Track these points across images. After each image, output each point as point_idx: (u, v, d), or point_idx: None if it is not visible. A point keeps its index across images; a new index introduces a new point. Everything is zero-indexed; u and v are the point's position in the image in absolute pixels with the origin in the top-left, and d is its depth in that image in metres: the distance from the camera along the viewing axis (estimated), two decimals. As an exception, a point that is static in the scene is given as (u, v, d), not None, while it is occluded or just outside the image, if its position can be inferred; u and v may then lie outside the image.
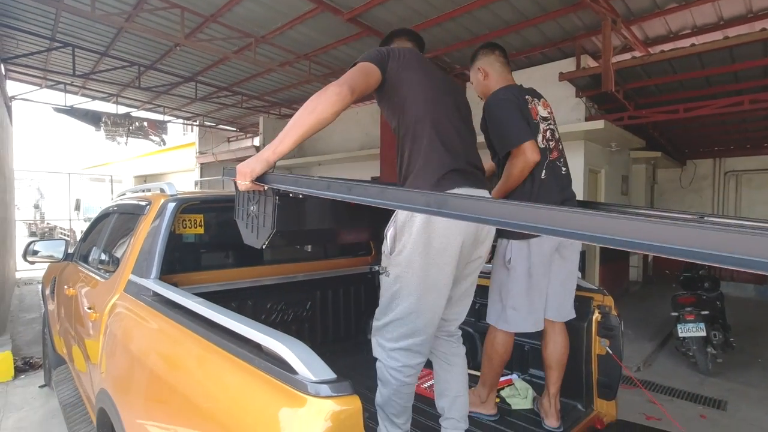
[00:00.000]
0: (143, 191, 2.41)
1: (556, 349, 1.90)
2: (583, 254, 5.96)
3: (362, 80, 1.34)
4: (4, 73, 8.56)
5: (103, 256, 2.24)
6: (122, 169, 18.44)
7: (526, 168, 1.75)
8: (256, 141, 11.12)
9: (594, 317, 1.93)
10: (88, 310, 1.90)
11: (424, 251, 1.34)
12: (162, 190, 2.01)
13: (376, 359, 1.47)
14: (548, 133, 1.90)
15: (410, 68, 1.44)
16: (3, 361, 3.70)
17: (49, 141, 31.95)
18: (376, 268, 3.06)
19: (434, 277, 1.37)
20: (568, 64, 5.58)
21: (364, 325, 2.96)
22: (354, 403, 0.76)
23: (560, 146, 1.96)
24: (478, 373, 2.04)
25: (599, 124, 5.19)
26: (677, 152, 9.15)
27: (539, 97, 1.99)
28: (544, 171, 1.83)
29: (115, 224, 2.36)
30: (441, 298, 1.42)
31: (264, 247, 1.31)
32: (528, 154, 1.72)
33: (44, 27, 6.43)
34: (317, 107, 1.24)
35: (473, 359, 2.40)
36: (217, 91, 8.73)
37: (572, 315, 1.92)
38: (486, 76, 1.96)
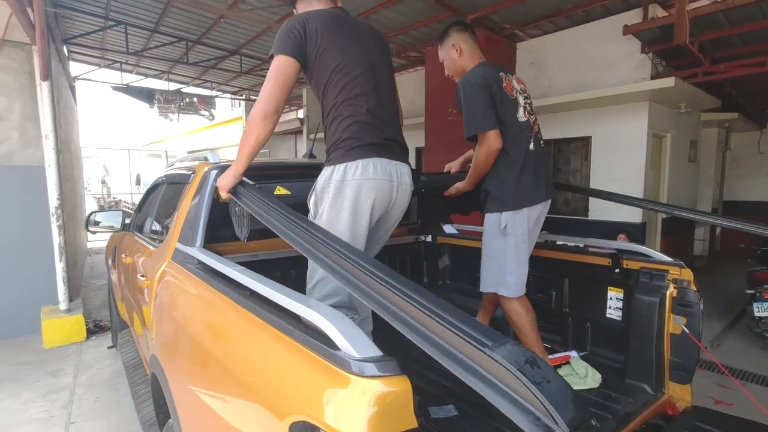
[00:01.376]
0: (189, 161, 2.43)
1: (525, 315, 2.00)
2: (643, 225, 5.54)
3: (280, 91, 1.46)
4: (67, 54, 9.06)
5: (154, 226, 2.29)
6: (177, 144, 19.29)
7: (490, 155, 1.88)
8: (300, 113, 11.16)
9: (668, 292, 1.74)
10: (141, 278, 1.95)
11: (339, 214, 1.49)
12: (205, 159, 1.99)
13: None
14: (528, 107, 1.99)
15: (328, 50, 1.50)
16: (75, 323, 4.01)
17: (110, 119, 33.82)
18: (422, 237, 3.00)
19: (351, 237, 1.49)
20: (633, 16, 5.04)
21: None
22: (402, 384, 0.68)
23: (537, 122, 2.05)
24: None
25: (668, 82, 4.68)
26: (758, 113, 8.20)
27: (512, 73, 2.06)
28: (531, 143, 1.94)
29: (165, 194, 2.40)
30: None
31: (245, 239, 1.52)
32: (491, 142, 1.84)
33: (98, 5, 6.64)
34: (251, 135, 1.45)
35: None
36: (261, 63, 8.75)
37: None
38: (461, 53, 2.03)
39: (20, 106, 4.19)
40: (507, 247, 1.93)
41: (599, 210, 5.73)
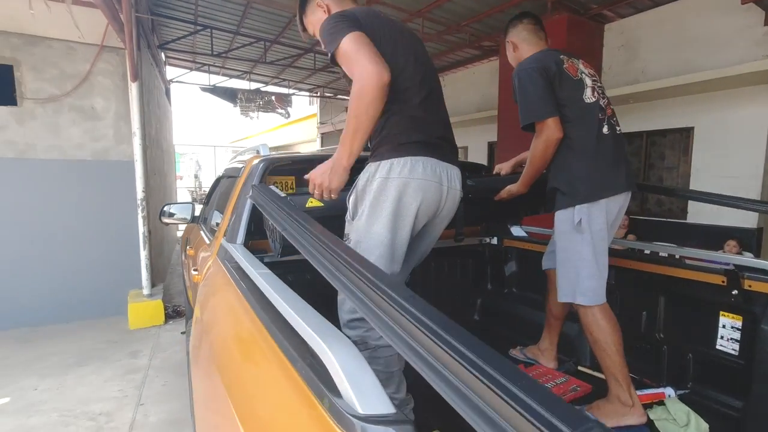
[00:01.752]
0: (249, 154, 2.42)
1: (565, 305, 1.87)
2: (758, 231, 4.69)
3: (376, 55, 1.23)
4: (164, 59, 9.94)
5: (212, 219, 2.31)
6: (258, 141, 20.45)
7: (549, 146, 1.67)
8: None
9: None
10: (194, 272, 1.96)
11: (380, 215, 1.34)
12: (257, 152, 1.95)
13: None
14: (598, 89, 1.77)
15: (375, 38, 1.32)
16: (155, 307, 4.31)
17: (202, 118, 36.90)
18: (487, 240, 2.75)
19: (391, 242, 1.36)
20: (755, -16, 4.27)
21: (471, 304, 2.68)
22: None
23: (611, 106, 1.82)
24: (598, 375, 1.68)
25: (800, 60, 3.89)
26: None
27: (577, 57, 1.84)
28: (605, 126, 1.71)
29: (223, 188, 2.42)
30: (396, 263, 1.40)
31: (279, 256, 1.47)
32: (550, 131, 1.65)
33: (188, 12, 7.14)
34: (357, 112, 1.23)
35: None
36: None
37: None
38: (516, 48, 1.90)
39: (115, 105, 4.58)
40: (584, 247, 1.66)
41: (701, 211, 4.98)
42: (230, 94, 10.79)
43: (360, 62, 1.22)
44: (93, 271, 4.57)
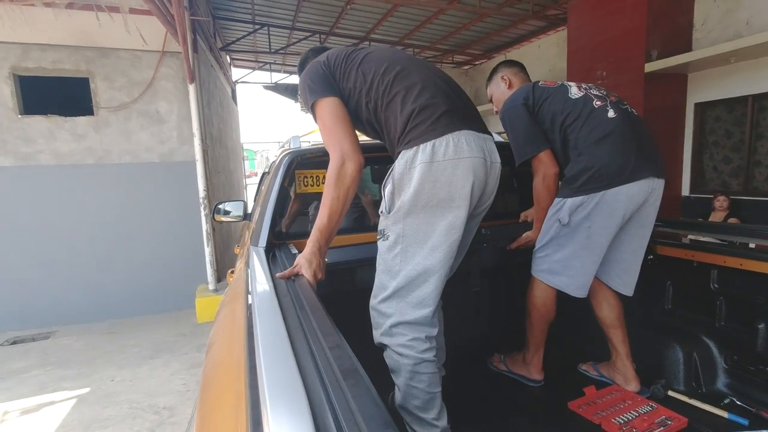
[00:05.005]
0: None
1: (612, 309, 1.72)
2: None
3: (344, 127, 1.27)
4: (229, 61, 10.38)
5: (253, 219, 2.24)
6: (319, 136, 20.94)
7: (549, 183, 1.66)
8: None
9: None
10: (232, 275, 1.90)
11: (428, 203, 1.19)
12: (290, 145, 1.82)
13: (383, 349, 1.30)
14: (585, 85, 1.73)
15: (367, 63, 1.32)
16: (213, 303, 4.46)
17: (269, 115, 38.60)
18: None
19: (441, 232, 1.21)
20: None
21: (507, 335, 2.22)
22: None
23: (614, 95, 1.72)
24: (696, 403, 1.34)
25: None
26: None
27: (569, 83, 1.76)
28: (611, 110, 1.61)
29: (264, 185, 2.34)
30: (449, 256, 1.23)
31: None
32: (544, 166, 1.65)
33: (245, 12, 7.31)
34: (338, 193, 1.22)
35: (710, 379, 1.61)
36: (390, 47, 8.67)
37: (632, 291, 1.69)
38: (510, 85, 1.91)
39: (177, 108, 4.78)
40: (562, 234, 1.61)
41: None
42: (291, 91, 10.96)
43: (329, 141, 1.27)
44: (166, 268, 4.85)
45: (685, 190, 5.24)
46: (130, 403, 2.88)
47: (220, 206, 3.27)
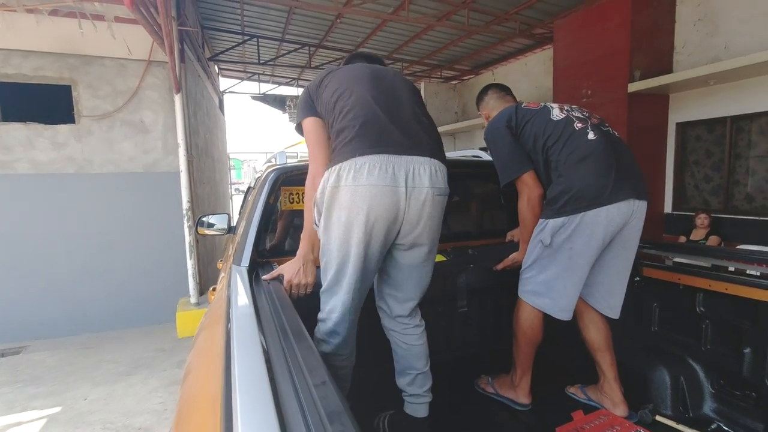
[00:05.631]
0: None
1: (600, 332, 1.71)
2: None
3: (319, 147, 1.39)
4: (217, 71, 10.33)
5: (238, 233, 2.19)
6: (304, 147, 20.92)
7: (533, 204, 1.68)
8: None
9: None
10: (213, 292, 1.84)
11: (332, 231, 1.27)
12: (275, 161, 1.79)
13: None
14: (568, 107, 1.74)
15: (329, 85, 1.41)
16: (194, 317, 4.35)
17: (256, 126, 38.46)
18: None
19: (345, 253, 1.26)
20: None
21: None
22: None
23: (596, 117, 1.75)
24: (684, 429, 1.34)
25: None
26: None
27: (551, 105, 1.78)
28: (591, 132, 1.62)
29: (249, 201, 2.30)
30: (352, 277, 1.28)
31: None
32: (528, 188, 1.67)
33: (234, 23, 7.30)
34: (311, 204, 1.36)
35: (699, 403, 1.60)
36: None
37: (618, 314, 1.67)
38: (489, 117, 1.95)
39: (163, 118, 4.71)
40: (544, 255, 1.61)
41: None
42: (280, 102, 11.00)
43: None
44: (147, 280, 4.72)
45: (668, 208, 5.33)
46: (103, 424, 2.76)
47: (204, 219, 3.20)
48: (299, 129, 1.46)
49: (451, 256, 1.80)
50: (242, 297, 1.02)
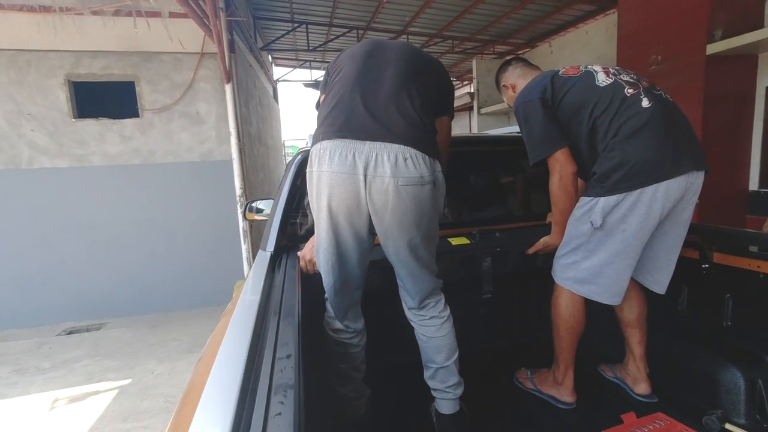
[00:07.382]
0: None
1: (634, 308, 1.61)
2: None
3: None
4: (271, 60, 10.60)
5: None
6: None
7: (566, 183, 1.52)
8: (471, 88, 10.55)
9: None
10: (250, 275, 1.87)
11: (312, 208, 1.29)
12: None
13: None
14: (615, 70, 1.55)
15: (336, 69, 1.38)
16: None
17: (309, 113, 39.29)
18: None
19: (320, 237, 1.29)
20: None
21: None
22: None
23: (646, 80, 1.54)
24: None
25: None
26: None
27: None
28: (644, 99, 1.44)
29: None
30: (329, 261, 1.30)
31: None
32: (560, 165, 1.51)
33: (283, 11, 7.40)
34: None
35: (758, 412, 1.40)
36: (428, 40, 8.49)
37: (664, 289, 1.54)
38: (515, 88, 1.84)
39: (216, 108, 4.89)
40: (593, 238, 1.45)
41: None
42: (330, 87, 11.11)
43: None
44: (206, 264, 5.00)
45: (753, 185, 4.73)
46: (165, 397, 2.97)
47: (253, 204, 3.29)
48: (317, 107, 1.46)
49: (477, 239, 1.69)
50: (256, 282, 1.01)
